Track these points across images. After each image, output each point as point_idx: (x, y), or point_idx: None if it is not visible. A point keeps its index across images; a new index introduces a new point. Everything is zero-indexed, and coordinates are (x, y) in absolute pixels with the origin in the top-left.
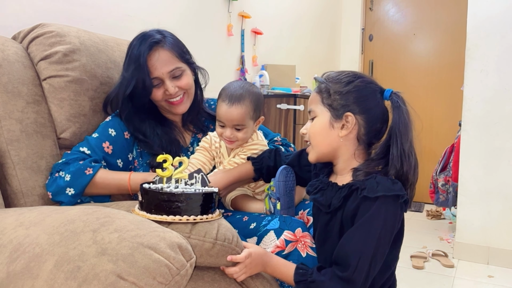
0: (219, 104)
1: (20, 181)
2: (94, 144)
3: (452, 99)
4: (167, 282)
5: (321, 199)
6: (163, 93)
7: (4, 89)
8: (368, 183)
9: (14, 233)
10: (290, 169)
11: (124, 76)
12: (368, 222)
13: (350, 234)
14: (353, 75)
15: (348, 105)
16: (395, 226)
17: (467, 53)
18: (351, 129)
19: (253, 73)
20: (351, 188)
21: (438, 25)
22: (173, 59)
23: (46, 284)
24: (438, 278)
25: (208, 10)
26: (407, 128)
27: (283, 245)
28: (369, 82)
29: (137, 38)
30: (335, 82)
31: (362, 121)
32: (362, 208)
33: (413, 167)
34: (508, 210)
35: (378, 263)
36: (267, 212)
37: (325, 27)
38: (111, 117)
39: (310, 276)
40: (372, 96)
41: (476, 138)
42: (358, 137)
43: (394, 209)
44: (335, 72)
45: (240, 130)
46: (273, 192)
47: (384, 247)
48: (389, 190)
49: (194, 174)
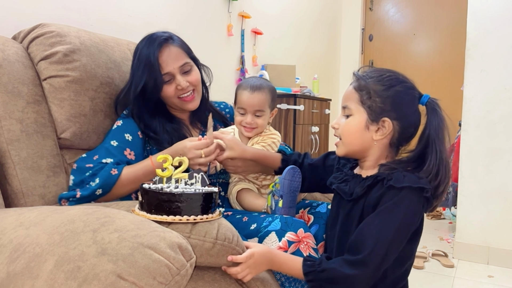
0: (240, 93)
1: (20, 181)
2: (117, 153)
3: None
4: (167, 282)
5: (344, 187)
6: (175, 89)
7: (4, 89)
8: (395, 175)
9: (14, 233)
10: (298, 170)
11: (135, 74)
12: (390, 210)
13: (370, 219)
14: (396, 78)
15: (387, 109)
16: (415, 220)
17: (467, 53)
18: (386, 134)
19: (253, 73)
20: (376, 179)
21: (438, 25)
22: (183, 54)
23: (46, 284)
24: (438, 278)
25: (208, 10)
26: (444, 135)
27: (285, 246)
28: (410, 87)
29: (145, 39)
30: (377, 83)
31: (397, 127)
32: (386, 197)
33: (447, 177)
34: (508, 210)
35: (393, 254)
36: (267, 209)
37: (325, 27)
38: (121, 121)
39: (319, 266)
40: (411, 102)
41: (476, 138)
42: (391, 142)
43: (417, 202)
44: (375, 70)
45: (259, 116)
46: (277, 189)
47: (401, 238)
48: (415, 182)
49: (194, 174)
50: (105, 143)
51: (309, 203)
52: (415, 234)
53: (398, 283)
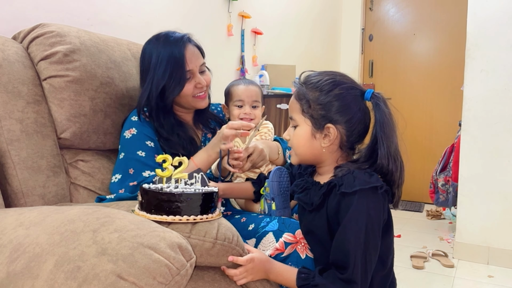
0: (235, 88)
1: (20, 181)
2: (151, 162)
3: (452, 99)
4: (167, 282)
5: (304, 198)
6: (193, 87)
7: (4, 89)
8: (345, 179)
9: (14, 233)
10: (284, 169)
11: (155, 74)
12: (353, 219)
13: (339, 235)
14: (333, 82)
15: (329, 116)
16: (380, 217)
17: (467, 53)
18: (333, 140)
19: (253, 73)
20: (330, 185)
21: (438, 25)
22: (200, 54)
23: (46, 284)
24: (438, 278)
25: (208, 10)
26: (390, 128)
27: (282, 247)
28: (349, 88)
29: (159, 40)
30: (315, 90)
31: (343, 130)
32: (343, 204)
33: (399, 169)
34: (508, 210)
35: (373, 256)
36: (261, 212)
37: (325, 27)
38: (135, 129)
39: (312, 280)
40: (353, 103)
41: (476, 138)
42: (341, 145)
43: (375, 200)
44: (314, 74)
45: (255, 108)
46: (268, 193)
47: (375, 239)
48: (365, 183)
49: (194, 174)
50: (130, 154)
51: None
52: (386, 228)
53: (386, 281)
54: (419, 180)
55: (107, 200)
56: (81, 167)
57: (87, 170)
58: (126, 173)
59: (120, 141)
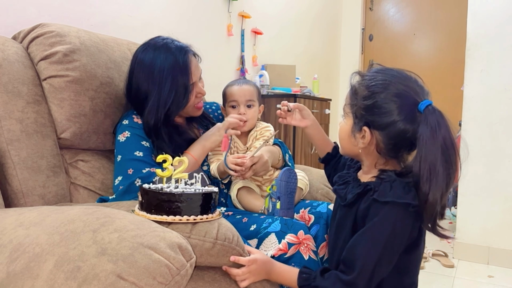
0: (229, 89)
1: (20, 181)
2: (149, 160)
3: (452, 99)
4: (167, 282)
5: (341, 191)
6: (195, 97)
7: (4, 89)
8: (382, 186)
9: (14, 233)
10: (294, 171)
11: (162, 88)
12: (376, 227)
13: (358, 237)
14: (384, 84)
15: (368, 118)
16: (405, 234)
17: (467, 53)
18: (367, 143)
19: (253, 73)
20: (366, 187)
21: (438, 25)
22: (198, 64)
23: (46, 284)
24: (438, 278)
25: (208, 10)
26: (433, 146)
27: (285, 248)
28: (400, 94)
29: (160, 49)
30: (364, 87)
31: (380, 137)
32: (372, 210)
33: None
34: (508, 210)
35: (384, 269)
36: (264, 211)
37: (325, 27)
38: (129, 132)
39: (313, 281)
40: (398, 110)
41: (476, 138)
42: (378, 150)
43: (404, 216)
44: (375, 70)
45: (250, 107)
46: (274, 191)
47: (392, 254)
48: (399, 197)
49: (194, 174)
50: (127, 156)
51: (310, 203)
52: (412, 246)
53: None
54: None
55: (110, 200)
56: (81, 167)
57: (87, 170)
58: (125, 173)
59: (116, 146)
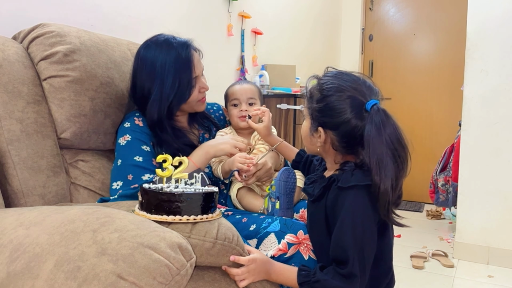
0: (231, 89)
1: (20, 181)
2: (149, 166)
3: (452, 99)
4: (167, 282)
5: (309, 189)
6: (198, 91)
7: (4, 89)
8: (344, 175)
9: (14, 233)
10: (292, 171)
11: (165, 81)
12: (349, 214)
13: (337, 231)
14: (334, 87)
15: (321, 119)
16: (375, 214)
17: (467, 53)
18: (323, 142)
19: (253, 73)
20: (330, 180)
21: (438, 25)
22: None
23: (46, 284)
24: (438, 278)
25: (208, 10)
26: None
27: (285, 248)
28: (348, 96)
29: (161, 45)
30: (319, 90)
31: (333, 136)
32: (339, 198)
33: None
34: (508, 210)
35: (371, 251)
36: (264, 211)
37: (325, 27)
38: (130, 136)
39: (313, 276)
40: (347, 111)
41: (476, 138)
42: (334, 147)
43: (370, 197)
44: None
45: (252, 105)
46: (273, 191)
47: (372, 233)
48: (361, 180)
49: (194, 174)
50: (127, 160)
51: None
52: (383, 229)
53: (382, 280)
54: (419, 180)
55: (110, 201)
56: (81, 167)
57: (87, 170)
58: (125, 179)
59: (116, 148)
